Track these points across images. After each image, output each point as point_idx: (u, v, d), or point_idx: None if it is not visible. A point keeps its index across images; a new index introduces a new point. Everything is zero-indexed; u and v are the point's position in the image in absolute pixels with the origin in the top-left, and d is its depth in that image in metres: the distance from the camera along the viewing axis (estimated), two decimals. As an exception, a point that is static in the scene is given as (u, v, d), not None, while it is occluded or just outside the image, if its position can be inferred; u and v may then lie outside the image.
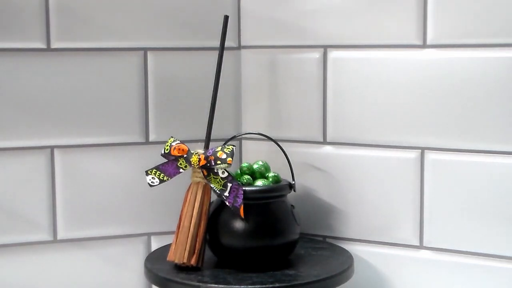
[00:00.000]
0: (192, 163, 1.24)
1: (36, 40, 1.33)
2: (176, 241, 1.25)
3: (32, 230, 1.36)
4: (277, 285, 1.17)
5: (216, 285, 1.18)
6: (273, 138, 1.33)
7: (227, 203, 1.23)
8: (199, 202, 1.25)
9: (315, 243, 1.39)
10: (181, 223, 1.25)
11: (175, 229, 1.26)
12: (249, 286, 1.17)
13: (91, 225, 1.39)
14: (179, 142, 1.26)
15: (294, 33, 1.40)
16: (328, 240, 1.41)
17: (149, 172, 1.27)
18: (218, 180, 1.24)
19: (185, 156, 1.25)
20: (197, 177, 1.26)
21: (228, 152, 1.23)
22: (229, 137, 1.36)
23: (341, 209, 1.39)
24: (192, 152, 1.25)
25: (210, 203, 1.27)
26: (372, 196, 1.36)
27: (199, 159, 1.24)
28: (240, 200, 1.23)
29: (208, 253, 1.27)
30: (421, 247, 1.33)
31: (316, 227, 1.42)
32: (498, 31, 1.23)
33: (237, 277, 1.21)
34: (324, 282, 1.21)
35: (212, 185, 1.24)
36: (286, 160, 1.31)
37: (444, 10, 1.26)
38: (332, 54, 1.37)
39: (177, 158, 1.25)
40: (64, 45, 1.35)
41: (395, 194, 1.34)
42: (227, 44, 1.34)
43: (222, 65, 1.30)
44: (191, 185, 1.27)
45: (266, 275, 1.21)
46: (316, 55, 1.39)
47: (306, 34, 1.39)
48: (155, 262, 1.29)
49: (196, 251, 1.24)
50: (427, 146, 1.31)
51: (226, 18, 1.31)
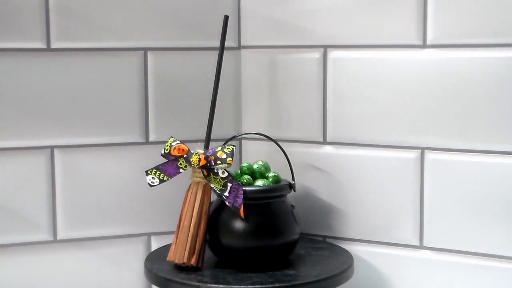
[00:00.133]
0: (192, 163, 1.24)
1: (36, 40, 1.33)
2: (176, 241, 1.25)
3: (32, 230, 1.36)
4: (277, 285, 1.17)
5: (216, 285, 1.18)
6: (273, 138, 1.33)
7: (227, 203, 1.23)
8: (199, 202, 1.25)
9: (315, 243, 1.39)
10: (181, 223, 1.25)
11: (175, 229, 1.26)
12: (249, 286, 1.17)
13: (91, 225, 1.39)
14: (179, 142, 1.26)
15: (294, 33, 1.40)
16: (328, 240, 1.41)
17: (149, 172, 1.27)
18: (218, 180, 1.24)
19: (185, 156, 1.25)
20: (197, 177, 1.26)
21: (228, 152, 1.22)
22: (229, 137, 1.36)
23: (341, 209, 1.39)
24: (192, 152, 1.25)
25: (210, 203, 1.27)
26: (372, 196, 1.36)
27: (199, 159, 1.24)
28: (240, 200, 1.23)
29: (208, 253, 1.27)
30: (421, 247, 1.33)
31: (316, 227, 1.42)
32: (498, 31, 1.23)
33: (237, 277, 1.21)
34: (324, 282, 1.21)
35: (212, 185, 1.24)
36: (286, 160, 1.31)
37: (444, 10, 1.26)
38: (332, 54, 1.37)
39: (177, 158, 1.25)
40: (64, 45, 1.35)
41: (395, 194, 1.34)
42: (227, 44, 1.34)
43: (222, 65, 1.30)
44: (191, 185, 1.27)
45: (266, 275, 1.21)
46: (316, 55, 1.39)
47: (306, 34, 1.39)
48: (155, 262, 1.29)
49: (196, 251, 1.24)
50: (427, 146, 1.31)
51: (226, 18, 1.31)
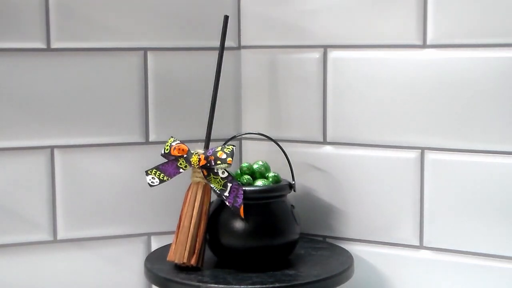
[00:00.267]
0: (192, 163, 1.24)
1: (36, 40, 1.33)
2: (176, 241, 1.25)
3: (32, 230, 1.36)
4: (277, 285, 1.17)
5: (216, 285, 1.18)
6: (273, 138, 1.33)
7: (227, 203, 1.23)
8: (199, 202, 1.25)
9: (315, 243, 1.39)
10: (181, 223, 1.25)
11: (175, 229, 1.26)
12: (249, 286, 1.17)
13: (91, 225, 1.39)
14: (179, 142, 1.26)
15: (294, 33, 1.40)
16: (328, 240, 1.41)
17: (149, 172, 1.27)
18: (218, 180, 1.24)
19: (185, 156, 1.25)
20: (197, 177, 1.26)
21: (228, 152, 1.22)
22: (229, 137, 1.36)
23: (341, 209, 1.39)
24: (192, 152, 1.25)
25: (210, 203, 1.27)
26: (372, 196, 1.36)
27: (199, 159, 1.24)
28: (240, 200, 1.23)
29: (208, 253, 1.27)
30: (421, 247, 1.33)
31: (316, 227, 1.42)
32: (498, 31, 1.23)
33: (237, 277, 1.21)
34: (324, 282, 1.21)
35: (212, 185, 1.24)
36: (286, 160, 1.31)
37: (444, 10, 1.26)
38: (332, 54, 1.37)
39: (177, 158, 1.25)
40: (64, 45, 1.35)
41: (395, 194, 1.34)
42: (227, 44, 1.34)
43: (222, 65, 1.30)
44: (191, 185, 1.27)
45: (266, 275, 1.21)
46: (316, 55, 1.39)
47: (306, 34, 1.39)
48: (155, 262, 1.29)
49: (196, 251, 1.24)
50: (427, 146, 1.30)
51: (226, 18, 1.31)
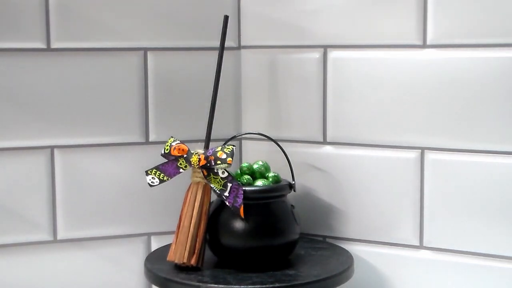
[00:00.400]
0: (192, 163, 1.24)
1: (36, 40, 1.33)
2: (176, 241, 1.25)
3: (32, 230, 1.36)
4: (277, 285, 1.17)
5: (216, 285, 1.18)
6: (273, 138, 1.33)
7: (227, 203, 1.23)
8: (199, 202, 1.25)
9: (315, 243, 1.39)
10: (181, 223, 1.25)
11: (175, 229, 1.26)
12: (249, 286, 1.17)
13: (91, 225, 1.39)
14: (179, 142, 1.26)
15: (294, 33, 1.40)
16: (328, 240, 1.41)
17: (149, 172, 1.27)
18: (218, 180, 1.24)
19: (185, 156, 1.25)
20: (197, 177, 1.26)
21: (228, 152, 1.22)
22: (229, 137, 1.36)
23: (341, 209, 1.39)
24: (192, 152, 1.25)
25: (210, 203, 1.27)
26: (372, 196, 1.36)
27: (199, 159, 1.24)
28: (240, 200, 1.23)
29: (208, 253, 1.27)
30: (421, 247, 1.33)
31: (316, 227, 1.42)
32: (498, 31, 1.23)
33: (237, 277, 1.21)
34: (324, 282, 1.21)
35: (212, 185, 1.24)
36: (286, 160, 1.31)
37: (444, 10, 1.26)
38: (332, 54, 1.37)
39: (177, 158, 1.25)
40: (64, 45, 1.35)
41: (395, 194, 1.34)
42: (227, 44, 1.34)
43: (222, 65, 1.30)
44: (191, 185, 1.27)
45: (266, 275, 1.21)
46: (316, 55, 1.39)
47: (306, 34, 1.39)
48: (155, 262, 1.29)
49: (196, 251, 1.24)
50: (427, 146, 1.30)
51: (226, 18, 1.31)
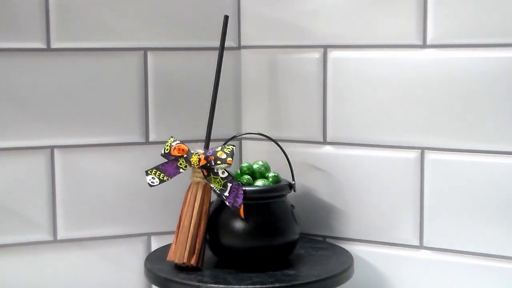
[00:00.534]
0: (192, 163, 1.24)
1: (36, 40, 1.33)
2: (176, 241, 1.25)
3: (32, 230, 1.36)
4: (277, 285, 1.17)
5: (216, 285, 1.18)
6: (273, 138, 1.33)
7: (227, 203, 1.23)
8: (199, 202, 1.25)
9: (315, 243, 1.39)
10: (181, 223, 1.25)
11: (175, 229, 1.26)
12: (249, 286, 1.17)
13: (91, 225, 1.39)
14: (179, 142, 1.26)
15: (294, 33, 1.40)
16: (328, 240, 1.41)
17: (149, 172, 1.27)
18: (218, 180, 1.24)
19: (185, 156, 1.25)
20: (197, 177, 1.26)
21: (228, 152, 1.22)
22: (229, 137, 1.36)
23: (341, 209, 1.39)
24: (192, 152, 1.25)
25: (210, 203, 1.27)
26: (372, 196, 1.36)
27: (199, 159, 1.24)
28: (240, 200, 1.23)
29: (208, 253, 1.27)
30: (421, 247, 1.33)
31: (316, 227, 1.42)
32: (498, 31, 1.23)
33: (237, 277, 1.21)
34: (324, 282, 1.21)
35: (212, 185, 1.24)
36: (286, 160, 1.31)
37: (444, 10, 1.26)
38: (332, 54, 1.37)
39: (177, 158, 1.25)
40: (64, 45, 1.35)
41: (395, 194, 1.34)
42: (227, 44, 1.34)
43: (222, 65, 1.30)
44: (191, 185, 1.27)
45: (266, 275, 1.21)
46: (316, 55, 1.39)
47: (306, 34, 1.39)
48: (155, 262, 1.29)
49: (196, 251, 1.24)
50: (427, 146, 1.30)
51: (226, 18, 1.31)
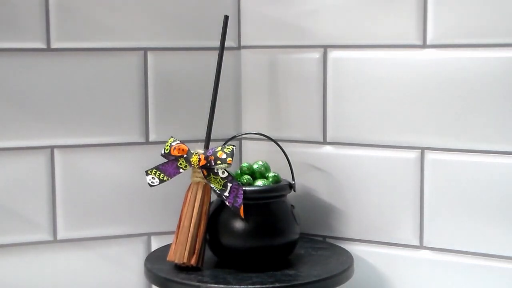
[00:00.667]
0: (192, 163, 1.24)
1: (36, 40, 1.33)
2: (176, 241, 1.25)
3: (32, 230, 1.36)
4: (277, 285, 1.17)
5: (216, 285, 1.18)
6: (273, 138, 1.33)
7: (227, 203, 1.23)
8: (199, 202, 1.25)
9: (315, 243, 1.39)
10: (181, 223, 1.25)
11: (175, 229, 1.26)
12: (249, 286, 1.17)
13: (91, 225, 1.39)
14: (179, 142, 1.26)
15: (294, 33, 1.40)
16: (328, 240, 1.41)
17: (149, 172, 1.27)
18: (218, 180, 1.24)
19: (185, 156, 1.25)
20: (197, 177, 1.26)
21: (228, 152, 1.22)
22: (229, 137, 1.36)
23: (341, 209, 1.39)
24: (192, 152, 1.25)
25: (210, 203, 1.27)
26: (372, 196, 1.36)
27: (199, 159, 1.24)
28: (240, 200, 1.23)
29: (208, 253, 1.27)
30: (421, 247, 1.33)
31: (316, 227, 1.42)
32: (498, 31, 1.23)
33: (237, 277, 1.21)
34: (324, 282, 1.21)
35: (212, 185, 1.24)
36: (286, 160, 1.31)
37: (444, 10, 1.26)
38: (332, 54, 1.37)
39: (177, 158, 1.25)
40: (64, 45, 1.35)
41: (395, 194, 1.34)
42: (227, 44, 1.34)
43: (222, 65, 1.30)
44: (191, 185, 1.27)
45: (266, 275, 1.21)
46: (316, 55, 1.39)
47: (306, 34, 1.39)
48: (155, 262, 1.29)
49: (196, 251, 1.24)
50: (427, 146, 1.30)
51: (226, 18, 1.31)
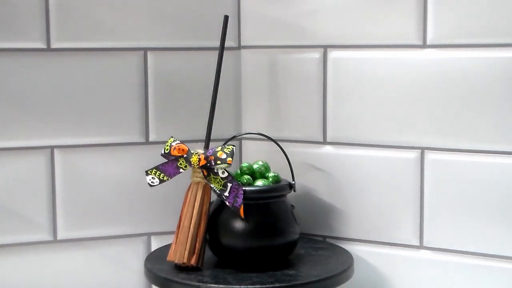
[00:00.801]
0: (192, 163, 1.24)
1: (36, 40, 1.33)
2: (176, 241, 1.25)
3: (32, 230, 1.36)
4: (277, 285, 1.17)
5: (216, 285, 1.18)
6: (273, 138, 1.33)
7: (227, 203, 1.23)
8: (199, 202, 1.25)
9: (315, 243, 1.39)
10: (181, 223, 1.25)
11: (175, 229, 1.26)
12: (249, 286, 1.17)
13: (91, 225, 1.39)
14: (179, 142, 1.26)
15: (294, 33, 1.40)
16: (328, 240, 1.41)
17: (149, 172, 1.27)
18: (218, 180, 1.24)
19: (185, 156, 1.25)
20: (197, 177, 1.26)
21: (228, 152, 1.22)
22: (229, 137, 1.36)
23: (341, 209, 1.39)
24: (192, 152, 1.25)
25: (210, 203, 1.27)
26: (372, 196, 1.36)
27: (199, 159, 1.24)
28: (240, 200, 1.23)
29: (208, 253, 1.27)
30: (421, 247, 1.33)
31: (316, 227, 1.42)
32: (498, 31, 1.23)
33: (237, 277, 1.21)
34: (324, 282, 1.21)
35: (212, 185, 1.24)
36: (286, 160, 1.31)
37: (444, 10, 1.26)
38: (332, 54, 1.37)
39: (177, 158, 1.25)
40: (64, 45, 1.35)
41: (395, 194, 1.34)
42: (227, 44, 1.34)
43: (222, 65, 1.30)
44: (191, 185, 1.27)
45: (266, 275, 1.21)
46: (316, 55, 1.39)
47: (306, 34, 1.39)
48: (155, 262, 1.29)
49: (196, 251, 1.24)
50: (427, 146, 1.30)
51: (226, 18, 1.31)
